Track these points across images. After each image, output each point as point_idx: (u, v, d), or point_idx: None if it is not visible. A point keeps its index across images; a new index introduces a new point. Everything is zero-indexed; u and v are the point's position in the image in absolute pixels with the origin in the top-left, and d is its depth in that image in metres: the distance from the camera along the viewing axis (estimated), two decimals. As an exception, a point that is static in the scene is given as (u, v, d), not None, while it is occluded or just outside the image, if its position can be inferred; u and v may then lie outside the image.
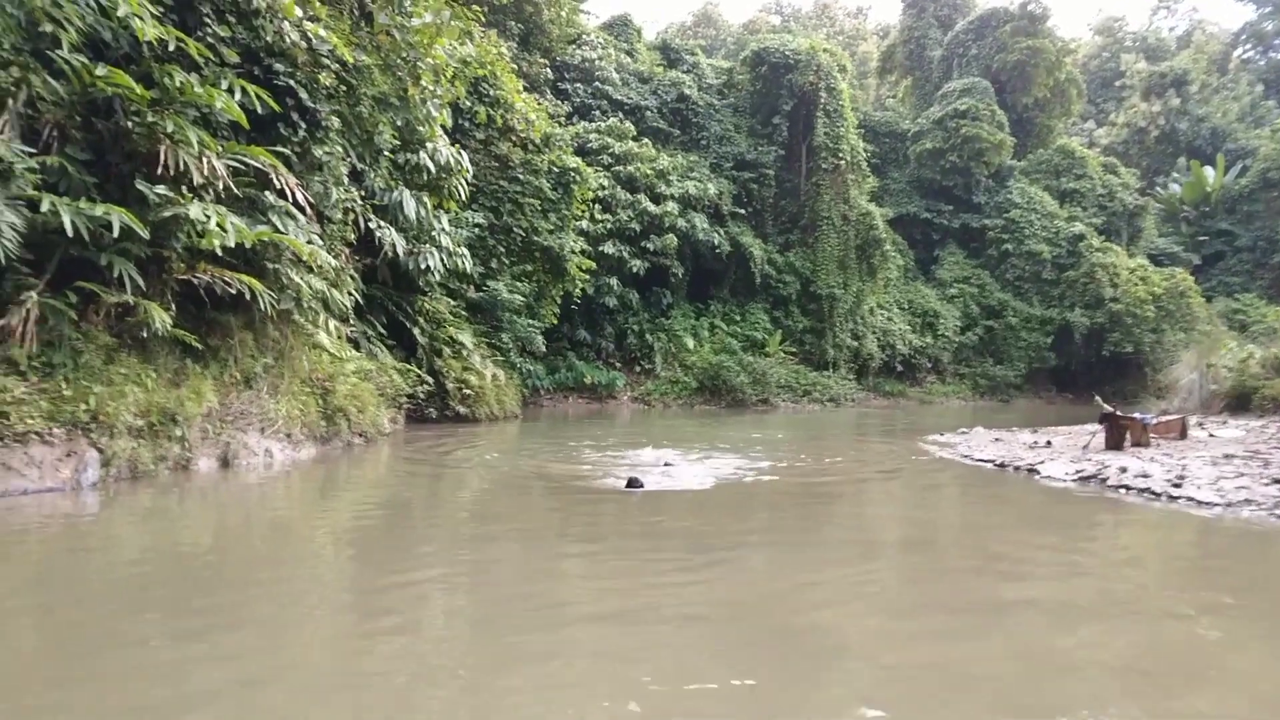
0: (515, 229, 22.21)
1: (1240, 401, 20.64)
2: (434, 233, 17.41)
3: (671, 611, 4.74)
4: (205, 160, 9.88)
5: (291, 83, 11.71)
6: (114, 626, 4.44)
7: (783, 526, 7.79)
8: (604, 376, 28.77)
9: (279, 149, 11.33)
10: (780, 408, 30.10)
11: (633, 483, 8.91)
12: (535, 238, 22.49)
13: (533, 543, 6.91)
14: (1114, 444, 13.40)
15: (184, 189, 9.85)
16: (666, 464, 11.05)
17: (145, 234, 9.23)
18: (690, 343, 31.25)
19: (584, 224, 26.90)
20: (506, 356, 21.95)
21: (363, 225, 15.40)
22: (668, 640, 4.27)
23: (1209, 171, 49.28)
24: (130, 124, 9.57)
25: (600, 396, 28.50)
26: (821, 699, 3.26)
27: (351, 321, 15.44)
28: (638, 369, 30.63)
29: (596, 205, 28.46)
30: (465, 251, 18.60)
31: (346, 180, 14.09)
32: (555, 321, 24.74)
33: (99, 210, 8.74)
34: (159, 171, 9.52)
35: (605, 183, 29.19)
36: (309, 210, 11.81)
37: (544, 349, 24.38)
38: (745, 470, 11.01)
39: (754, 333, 33.30)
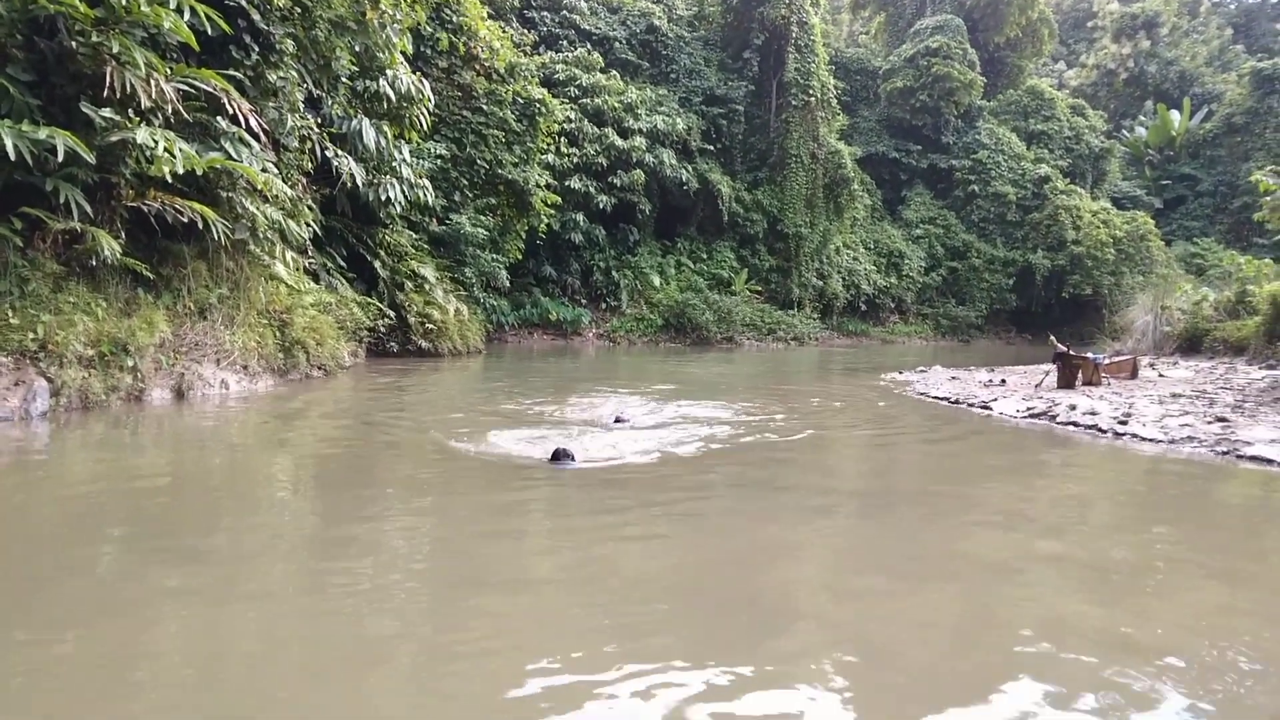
0: (479, 161, 21.86)
1: (1192, 343, 21.12)
2: (394, 163, 17.09)
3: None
4: (153, 83, 9.56)
5: (243, 3, 11.32)
6: (68, 556, 4.43)
7: (740, 508, 5.70)
8: (569, 313, 28.72)
9: (231, 73, 11.00)
10: (745, 346, 30.30)
11: (559, 455, 6.74)
12: (499, 170, 22.17)
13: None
14: (1066, 383, 13.68)
15: (131, 113, 9.56)
16: (618, 419, 9.23)
17: (91, 159, 8.98)
18: (656, 280, 31.21)
19: (550, 158, 26.55)
20: (470, 291, 21.79)
21: (320, 154, 15.06)
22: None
23: (1175, 115, 49.58)
24: (74, 44, 9.21)
25: (565, 333, 28.48)
26: (774, 654, 3.33)
27: (310, 253, 15.22)
28: (603, 306, 30.59)
29: (563, 138, 28.05)
30: (427, 183, 18.29)
31: (302, 107, 13.75)
32: (520, 257, 24.53)
33: (42, 134, 8.45)
34: (105, 94, 9.20)
35: (572, 115, 28.72)
36: (263, 137, 11.53)
37: (508, 285, 24.23)
38: (706, 425, 9.16)
39: (720, 271, 33.31)
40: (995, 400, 12.22)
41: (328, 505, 5.73)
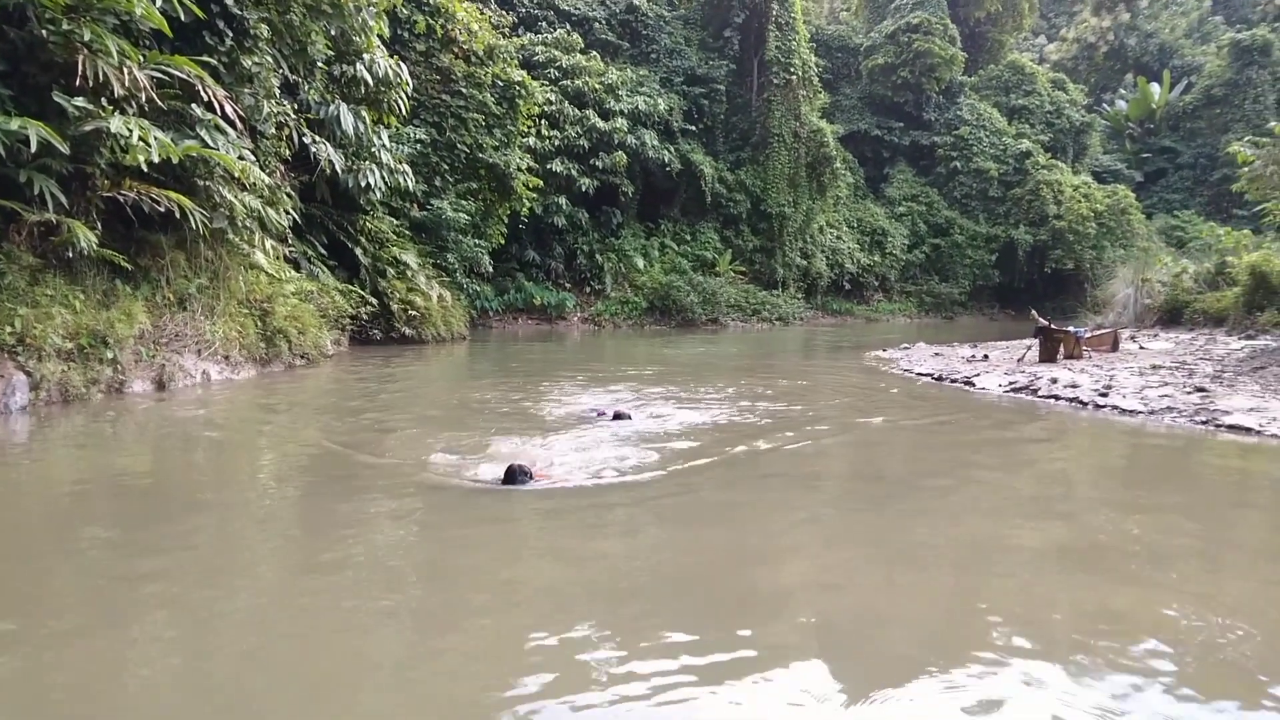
0: (459, 145, 21.71)
1: (1172, 315, 21.31)
2: (373, 149, 16.96)
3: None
4: (126, 70, 9.44)
5: (215, -12, 11.17)
6: (52, 548, 4.41)
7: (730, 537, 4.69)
8: (553, 297, 28.65)
9: (205, 59, 10.86)
10: (730, 327, 30.34)
11: (512, 477, 5.51)
12: (480, 154, 22.03)
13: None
14: (1048, 357, 13.79)
15: (105, 101, 9.44)
16: (617, 415, 8.33)
17: (65, 149, 8.87)
18: (640, 263, 31.15)
19: (531, 140, 26.39)
20: (453, 277, 21.69)
21: (297, 141, 14.93)
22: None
23: (1155, 88, 49.72)
24: (45, 32, 9.08)
25: (550, 317, 28.42)
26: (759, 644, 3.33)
27: (290, 241, 15.11)
28: (588, 289, 30.52)
29: (543, 121, 27.87)
30: (407, 169, 18.17)
31: (279, 93, 13.62)
32: (503, 241, 24.42)
33: (14, 124, 8.35)
34: (77, 83, 9.08)
35: (552, 98, 28.53)
36: (239, 124, 11.40)
37: (491, 270, 24.12)
38: (699, 423, 8.22)
39: (704, 252, 33.28)
40: (978, 375, 12.31)
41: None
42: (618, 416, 8.37)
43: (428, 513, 5.22)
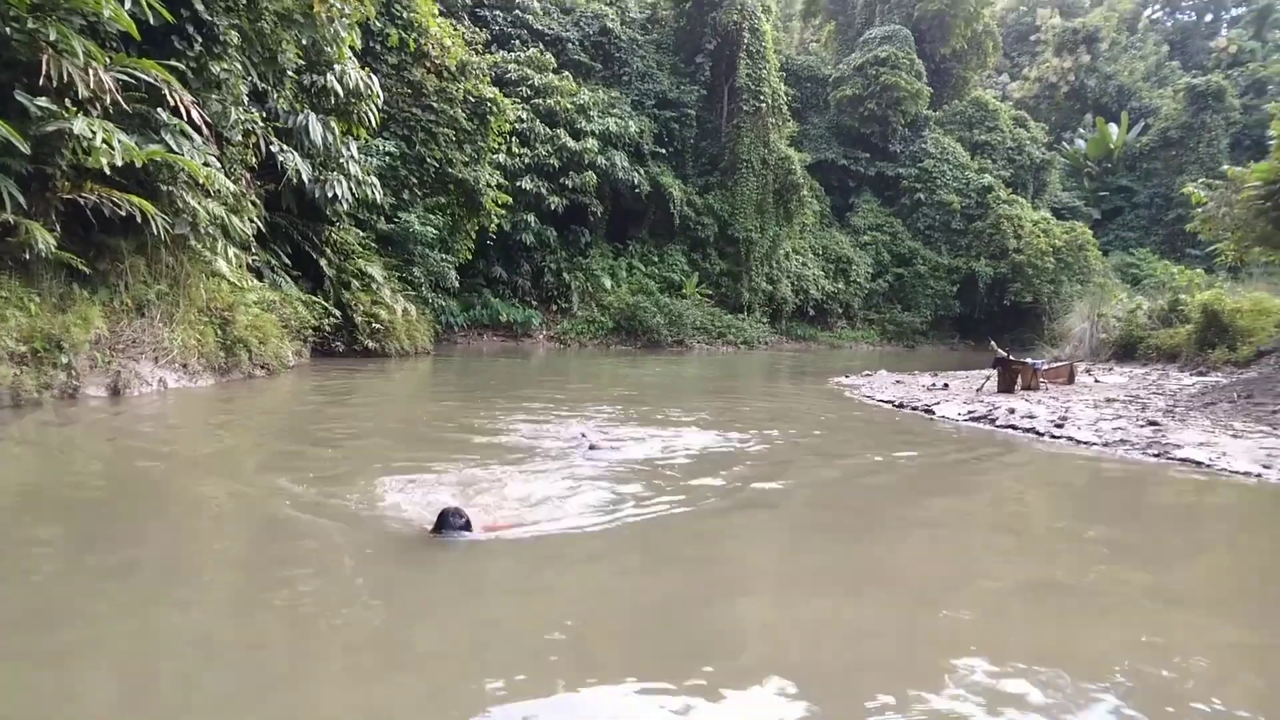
0: (428, 159, 21.65)
1: (1127, 350, 21.74)
2: (342, 160, 16.84)
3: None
4: (92, 72, 9.32)
5: (186, -8, 11.07)
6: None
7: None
8: (520, 314, 28.59)
9: (173, 64, 10.75)
10: (695, 349, 30.46)
11: (444, 523, 4.53)
12: (449, 169, 21.99)
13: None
14: (1006, 387, 14.00)
15: (69, 102, 9.30)
16: (593, 446, 7.59)
17: (26, 149, 8.73)
18: (608, 282, 31.21)
19: (501, 157, 26.42)
20: (419, 291, 21.57)
21: (265, 149, 14.78)
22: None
23: (1113, 128, 51.03)
24: (9, 30, 8.94)
25: (516, 335, 28.34)
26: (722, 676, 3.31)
27: (253, 250, 14.92)
28: (554, 308, 30.51)
29: (514, 138, 27.93)
30: (375, 181, 18.06)
31: (247, 100, 13.48)
32: (470, 257, 24.33)
33: (-28, 121, 8.19)
34: (41, 83, 8.94)
35: (524, 115, 28.60)
36: (206, 130, 11.29)
37: (458, 285, 24.01)
38: (670, 459, 7.52)
39: (671, 274, 33.45)
40: (938, 404, 12.46)
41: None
42: (592, 448, 7.53)
43: (331, 568, 4.30)
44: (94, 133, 9.09)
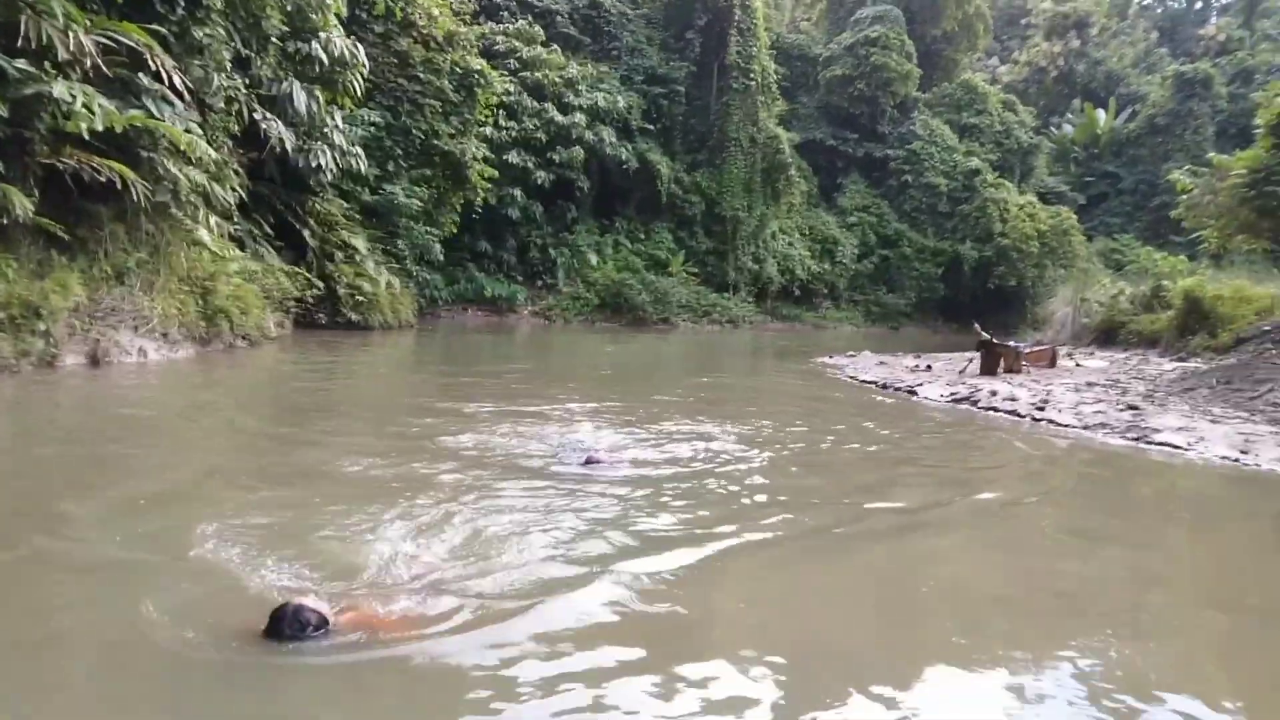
0: (414, 131, 21.42)
1: (1108, 335, 21.87)
2: (326, 129, 16.66)
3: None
4: (72, 35, 9.15)
5: (168, -45, 10.86)
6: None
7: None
8: (505, 289, 28.44)
9: (155, 27, 10.57)
10: (680, 327, 30.45)
11: (278, 629, 2.94)
12: (435, 141, 21.77)
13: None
14: (989, 369, 14.08)
15: (48, 65, 9.12)
16: (589, 460, 5.93)
17: (4, 112, 8.58)
18: (594, 259, 31.09)
19: (488, 130, 26.15)
20: (403, 264, 21.40)
21: (248, 116, 14.58)
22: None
23: (1100, 114, 51.10)
24: (-16, -11, 8.74)
25: (500, 309, 28.21)
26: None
27: (235, 219, 14.75)
28: (539, 283, 30.35)
29: (501, 111, 27.64)
30: (360, 151, 17.88)
31: (230, 67, 13.28)
32: (455, 231, 24.14)
33: (-53, 82, 8.02)
34: (19, 44, 8.76)
35: (511, 88, 28.29)
36: (188, 96, 11.12)
37: (442, 258, 23.82)
38: (673, 464, 6.23)
39: (658, 252, 33.34)
40: (921, 385, 12.51)
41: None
42: (588, 461, 5.90)
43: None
44: (74, 97, 8.94)
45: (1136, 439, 8.49)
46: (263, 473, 5.73)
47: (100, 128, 9.24)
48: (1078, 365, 16.34)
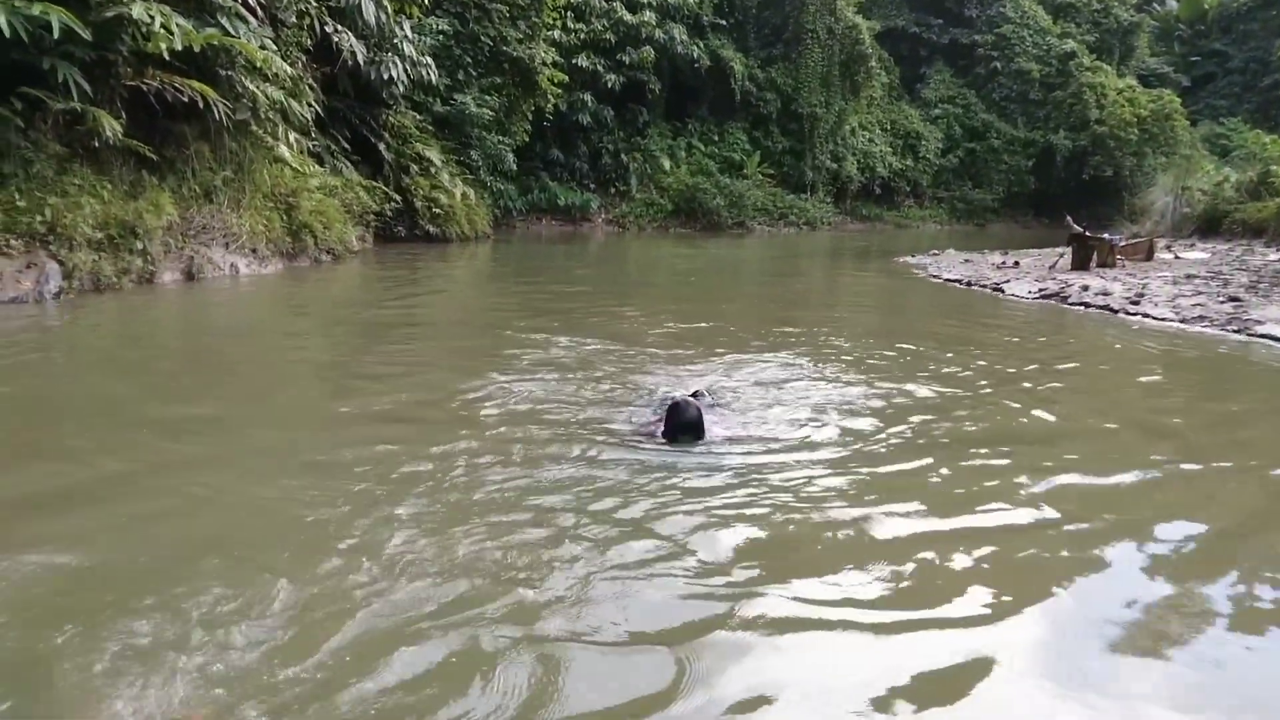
0: (482, 37, 21.15)
1: (1211, 225, 20.75)
2: (396, 40, 16.59)
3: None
4: (144, -46, 9.21)
5: None
6: (93, 402, 4.53)
7: None
8: (578, 198, 28.31)
9: (224, -58, 10.56)
10: (756, 231, 29.98)
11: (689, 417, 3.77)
12: (504, 47, 21.47)
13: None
14: (1080, 264, 13.57)
15: (124, -14, 9.24)
16: (686, 418, 4.18)
17: (87, 35, 8.74)
18: (666, 164, 30.60)
19: (556, 33, 25.65)
20: (476, 175, 21.45)
21: (319, 30, 14.57)
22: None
23: (1209, -14, 47.34)
24: (60, -88, 8.83)
25: (574, 218, 28.15)
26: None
27: (313, 135, 14.95)
28: (612, 190, 30.08)
29: (569, 13, 27.03)
30: (430, 61, 17.79)
31: (299, -20, 13.25)
32: (527, 139, 23.96)
33: (36, 9, 8.21)
34: (96, -34, 8.88)
35: (578, -13, 27.57)
36: (260, 12, 11.19)
37: (515, 168, 23.75)
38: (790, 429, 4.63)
39: (732, 154, 32.60)
40: (1007, 282, 12.16)
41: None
42: (673, 411, 4.13)
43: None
44: (152, 17, 9.07)
45: (1238, 331, 8.14)
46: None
47: (179, 47, 9.38)
48: (1176, 258, 15.60)
